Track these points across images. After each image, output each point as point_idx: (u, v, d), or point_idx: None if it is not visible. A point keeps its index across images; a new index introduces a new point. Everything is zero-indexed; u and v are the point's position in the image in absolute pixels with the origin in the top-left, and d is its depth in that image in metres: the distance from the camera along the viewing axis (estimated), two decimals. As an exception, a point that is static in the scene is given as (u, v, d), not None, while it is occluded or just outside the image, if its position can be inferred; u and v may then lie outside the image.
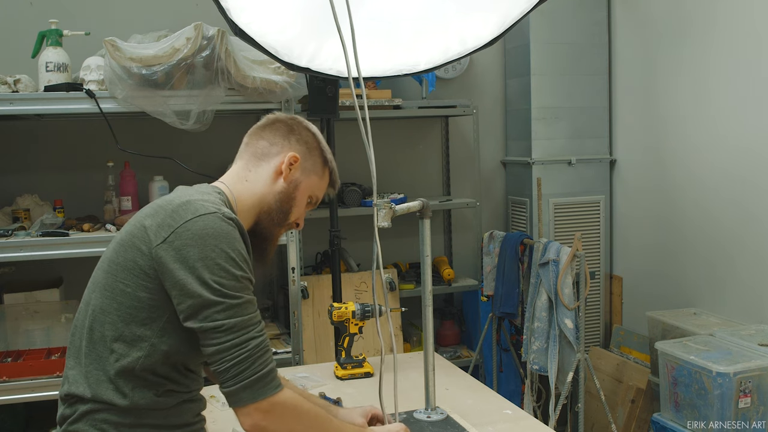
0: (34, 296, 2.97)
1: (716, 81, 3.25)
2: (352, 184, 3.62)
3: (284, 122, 1.63)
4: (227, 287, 1.35)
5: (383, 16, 2.40)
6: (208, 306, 1.34)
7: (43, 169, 3.36)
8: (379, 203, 1.69)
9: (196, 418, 1.55)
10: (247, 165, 1.60)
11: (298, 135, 1.62)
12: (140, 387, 1.40)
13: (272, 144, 1.60)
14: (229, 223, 1.39)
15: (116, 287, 1.40)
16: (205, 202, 1.42)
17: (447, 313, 4.01)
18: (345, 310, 2.37)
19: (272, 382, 1.38)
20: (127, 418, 1.40)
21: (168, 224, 1.37)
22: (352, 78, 1.60)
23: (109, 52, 2.72)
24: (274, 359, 1.41)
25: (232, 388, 1.35)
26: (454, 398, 2.13)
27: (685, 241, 3.47)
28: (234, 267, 1.36)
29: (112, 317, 1.40)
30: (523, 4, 2.34)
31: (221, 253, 1.35)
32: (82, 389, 1.40)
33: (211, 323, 1.34)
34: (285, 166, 1.57)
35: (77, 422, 1.41)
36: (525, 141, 3.89)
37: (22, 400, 2.77)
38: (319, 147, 1.64)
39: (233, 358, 1.34)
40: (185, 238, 1.35)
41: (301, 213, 1.64)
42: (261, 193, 1.57)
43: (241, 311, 1.36)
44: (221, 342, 1.34)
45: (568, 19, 3.83)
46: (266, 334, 1.41)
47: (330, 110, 2.96)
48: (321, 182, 1.65)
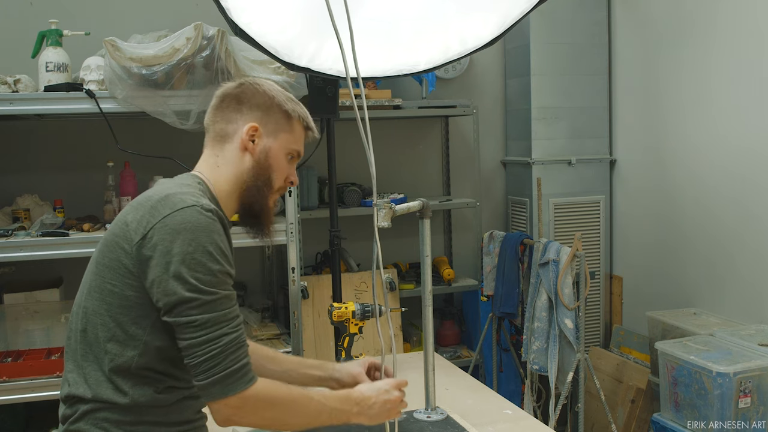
0: (34, 296, 2.97)
1: (716, 81, 3.25)
2: (352, 184, 3.63)
3: (231, 95, 1.57)
4: (203, 282, 1.34)
5: (383, 16, 2.40)
6: (183, 302, 1.33)
7: (43, 169, 3.36)
8: (379, 203, 1.69)
9: (198, 415, 1.54)
10: (213, 150, 1.57)
11: (249, 102, 1.55)
12: (140, 384, 1.40)
13: (228, 122, 1.55)
14: (207, 216, 1.38)
15: (104, 288, 1.40)
16: (184, 195, 1.40)
17: (447, 313, 4.01)
18: (345, 310, 2.37)
19: (244, 377, 1.37)
20: (128, 416, 1.40)
21: (147, 221, 1.37)
22: (350, 78, 1.60)
23: (109, 52, 2.72)
24: (247, 353, 1.40)
25: (203, 382, 1.36)
26: (454, 398, 2.13)
27: (685, 240, 3.47)
28: (211, 261, 1.35)
29: (103, 318, 1.40)
30: (523, 4, 2.34)
31: (198, 247, 1.34)
32: (83, 390, 1.40)
33: (184, 318, 1.34)
34: (246, 140, 1.53)
35: (78, 421, 1.41)
36: (525, 141, 3.88)
37: (22, 400, 2.77)
38: (275, 103, 1.57)
39: (205, 353, 1.34)
40: (163, 233, 1.35)
41: (289, 171, 1.60)
42: (234, 174, 1.55)
43: (216, 307, 1.35)
44: (194, 337, 1.34)
45: (568, 19, 3.83)
46: (242, 329, 1.40)
47: (330, 110, 2.96)
48: (293, 135, 1.59)
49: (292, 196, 2.97)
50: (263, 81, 1.60)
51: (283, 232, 2.97)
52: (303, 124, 1.60)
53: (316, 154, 3.06)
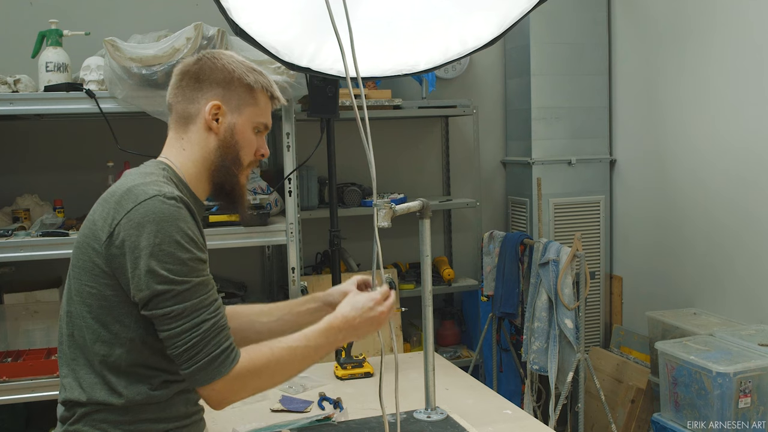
0: (34, 296, 2.97)
1: (716, 81, 3.25)
2: (352, 184, 3.63)
3: (189, 73, 1.52)
4: (174, 273, 1.32)
5: (383, 16, 2.40)
6: (157, 294, 1.32)
7: (43, 169, 3.36)
8: (379, 203, 1.69)
9: (195, 408, 1.54)
10: (177, 133, 1.54)
11: (209, 78, 1.50)
12: (134, 383, 1.40)
13: (189, 101, 1.51)
14: (171, 204, 1.35)
15: (83, 290, 1.39)
16: (146, 185, 1.38)
17: (447, 313, 4.02)
18: (345, 310, 2.36)
19: (227, 359, 1.36)
20: (126, 416, 1.40)
21: (113, 217, 1.36)
22: (350, 78, 1.60)
23: (109, 52, 2.72)
24: (229, 335, 1.39)
25: (188, 371, 1.35)
26: (454, 398, 2.13)
27: (685, 241, 3.47)
28: (180, 250, 1.33)
29: (86, 321, 1.39)
30: (523, 4, 2.34)
31: (165, 237, 1.32)
32: (77, 394, 1.40)
33: (160, 311, 1.33)
34: (210, 119, 1.49)
35: (77, 423, 1.41)
36: (525, 141, 3.89)
37: (22, 400, 2.77)
38: (236, 76, 1.51)
39: (185, 342, 1.34)
40: (128, 228, 1.33)
41: (258, 145, 1.56)
42: (201, 156, 1.51)
43: (191, 295, 1.34)
44: (172, 328, 1.34)
45: (568, 19, 3.83)
46: (221, 312, 1.38)
47: (330, 110, 2.96)
48: (259, 108, 1.54)
49: (292, 196, 2.97)
50: (222, 54, 1.54)
51: (283, 232, 2.97)
52: (267, 94, 1.55)
53: (316, 154, 3.06)
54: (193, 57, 1.55)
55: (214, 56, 1.53)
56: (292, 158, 2.96)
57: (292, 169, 2.96)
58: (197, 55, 1.54)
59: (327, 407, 2.09)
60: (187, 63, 1.54)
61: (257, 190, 3.18)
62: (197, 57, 1.53)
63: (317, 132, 3.07)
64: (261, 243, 3.06)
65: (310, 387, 2.28)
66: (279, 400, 2.15)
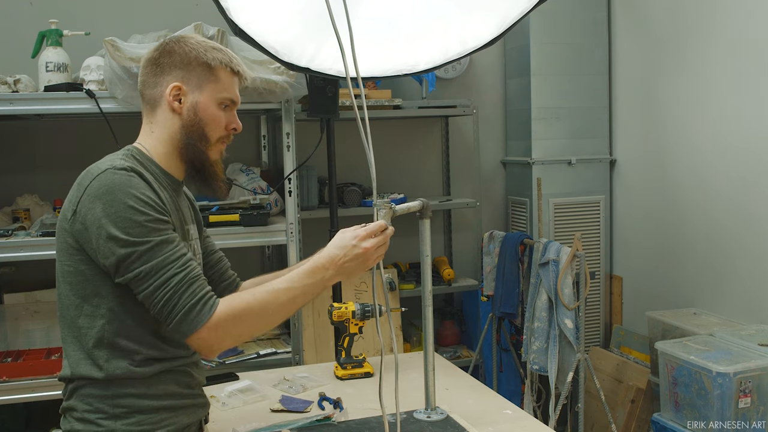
0: (34, 296, 2.98)
1: (716, 81, 3.25)
2: (352, 184, 3.62)
3: (152, 59, 1.58)
4: (133, 235, 1.38)
5: (383, 16, 2.40)
6: (122, 259, 1.39)
7: (43, 169, 3.35)
8: (379, 203, 1.68)
9: (189, 390, 1.57)
10: (147, 118, 1.60)
11: (168, 62, 1.55)
12: (115, 357, 1.45)
13: (153, 86, 1.57)
14: (121, 174, 1.42)
15: (64, 270, 1.49)
16: (102, 163, 1.47)
17: (447, 313, 4.01)
18: (345, 310, 2.37)
19: (204, 307, 1.40)
20: (108, 390, 1.46)
21: (75, 196, 1.45)
22: (350, 78, 1.60)
23: (109, 52, 2.72)
24: (205, 285, 1.43)
25: (171, 325, 1.41)
26: (454, 398, 2.13)
27: (685, 241, 3.47)
28: (135, 214, 1.39)
29: (70, 299, 1.48)
30: (523, 4, 2.34)
31: (119, 204, 1.39)
32: (67, 371, 1.48)
33: (130, 274, 1.39)
34: (171, 100, 1.55)
35: (69, 399, 1.49)
36: (525, 141, 3.89)
37: (22, 400, 2.77)
38: (193, 56, 1.55)
39: (160, 299, 1.39)
40: (87, 203, 1.41)
41: (227, 120, 1.59)
42: (168, 135, 1.56)
43: (154, 254, 1.39)
44: (145, 288, 1.40)
45: (568, 19, 3.83)
46: (191, 265, 1.42)
47: (330, 110, 2.96)
48: (220, 84, 1.57)
49: (292, 196, 2.97)
50: (183, 37, 1.59)
51: (283, 232, 2.97)
52: (228, 69, 1.58)
53: (316, 154, 3.06)
54: (157, 45, 1.60)
55: (175, 41, 1.58)
56: (292, 158, 2.96)
57: (292, 169, 2.96)
58: (160, 43, 1.59)
59: (327, 407, 2.09)
60: (149, 52, 1.59)
61: (257, 190, 3.18)
62: (160, 44, 1.59)
63: (317, 132, 3.07)
64: (261, 243, 3.06)
65: (310, 387, 2.28)
66: (279, 400, 2.15)
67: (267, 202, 3.09)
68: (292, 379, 2.34)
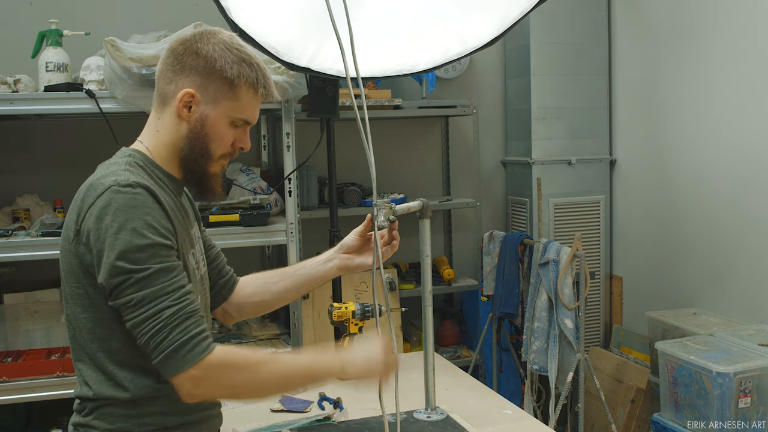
0: (34, 296, 2.97)
1: (717, 81, 3.25)
2: (352, 184, 3.62)
3: (175, 52, 1.44)
4: (132, 261, 1.29)
5: (383, 16, 2.40)
6: (118, 283, 1.30)
7: (43, 169, 3.35)
8: (379, 203, 1.69)
9: (206, 402, 1.51)
10: (156, 113, 1.48)
11: (190, 64, 1.42)
12: (139, 376, 1.39)
13: (168, 81, 1.44)
14: (125, 192, 1.32)
15: (73, 293, 1.40)
16: (105, 177, 1.36)
17: (447, 313, 4.01)
18: (345, 310, 2.36)
19: (197, 346, 1.31)
20: (134, 409, 1.40)
21: (78, 215, 1.36)
22: (350, 78, 1.60)
23: (109, 52, 2.72)
24: (201, 323, 1.34)
25: (156, 360, 1.31)
26: (454, 398, 2.13)
27: (685, 240, 3.47)
28: (137, 237, 1.30)
29: (82, 321, 1.39)
30: (523, 4, 2.34)
31: (120, 226, 1.30)
32: (86, 391, 1.41)
33: (122, 299, 1.31)
34: (181, 107, 1.43)
35: (88, 416, 1.42)
36: (525, 141, 3.88)
37: (22, 400, 2.76)
38: (217, 68, 1.42)
39: (148, 330, 1.30)
40: (89, 224, 1.33)
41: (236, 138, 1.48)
42: (172, 141, 1.46)
43: (151, 282, 1.30)
44: (134, 316, 1.31)
45: (568, 19, 3.83)
46: (188, 300, 1.33)
47: (330, 110, 2.96)
48: (238, 103, 1.45)
49: (292, 196, 2.97)
50: (213, 37, 1.45)
51: (283, 232, 2.97)
52: (251, 90, 1.46)
53: (316, 154, 3.06)
54: (186, 34, 1.47)
55: (204, 38, 1.44)
56: (292, 158, 2.96)
57: (292, 169, 2.96)
58: (191, 33, 1.47)
59: (327, 407, 2.09)
60: (178, 39, 1.47)
61: (257, 190, 3.18)
62: (188, 36, 1.46)
63: (317, 132, 3.06)
64: (261, 243, 3.06)
65: (311, 387, 2.28)
66: (279, 400, 2.14)
67: (267, 202, 3.09)
68: (292, 379, 2.34)
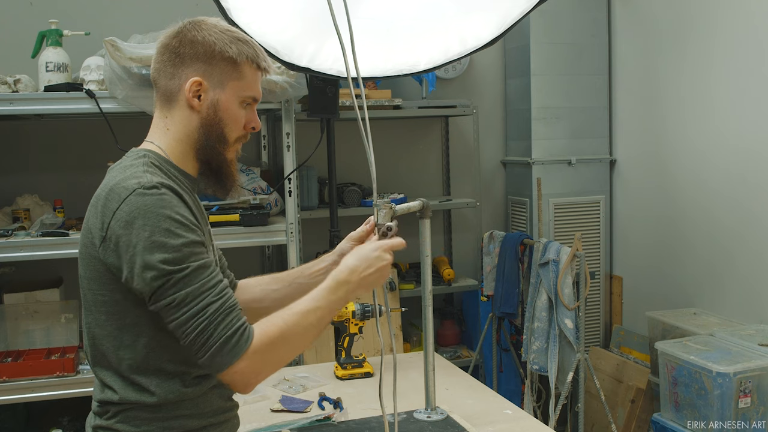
0: (34, 296, 2.97)
1: (717, 81, 3.25)
2: (352, 184, 3.63)
3: (170, 47, 1.45)
4: (170, 262, 1.28)
5: (383, 15, 2.40)
6: (159, 286, 1.29)
7: (43, 169, 3.36)
8: (379, 203, 1.69)
9: (230, 403, 1.51)
10: (162, 111, 1.48)
11: (189, 53, 1.43)
12: (165, 381, 1.38)
13: (170, 78, 1.44)
14: (152, 194, 1.31)
15: (96, 300, 1.38)
16: (126, 181, 1.35)
17: (447, 313, 4.02)
18: (345, 310, 2.37)
19: (241, 338, 1.31)
20: (159, 413, 1.39)
21: (102, 221, 1.34)
22: (350, 78, 1.60)
23: (109, 52, 2.72)
24: (241, 316, 1.34)
25: (204, 357, 1.30)
26: (454, 398, 2.13)
27: (685, 240, 3.47)
28: (171, 237, 1.29)
29: (106, 329, 1.38)
30: (523, 4, 2.34)
31: (154, 229, 1.29)
32: (110, 395, 1.39)
33: (164, 301, 1.29)
34: (191, 97, 1.42)
35: (111, 419, 1.40)
36: (525, 141, 3.89)
37: (22, 400, 2.77)
38: (217, 50, 1.43)
39: (194, 329, 1.29)
40: (118, 229, 1.31)
41: (248, 118, 1.49)
42: (185, 134, 1.45)
43: (191, 280, 1.30)
44: (178, 316, 1.29)
45: (568, 19, 3.83)
46: (228, 293, 1.33)
47: (330, 110, 2.96)
48: (244, 81, 1.46)
49: (292, 196, 2.97)
50: (204, 23, 1.46)
51: (283, 232, 2.97)
52: (254, 65, 1.46)
53: (316, 154, 3.06)
54: (175, 28, 1.47)
55: (195, 26, 1.45)
56: (292, 158, 2.96)
57: (292, 169, 2.96)
58: (178, 26, 1.47)
59: (327, 407, 2.09)
60: (168, 35, 1.47)
61: (257, 190, 3.18)
62: (178, 28, 1.46)
63: (317, 132, 3.07)
64: (261, 243, 3.06)
65: (310, 387, 2.28)
66: (279, 400, 2.15)
67: (267, 202, 3.09)
68: (292, 379, 2.34)
